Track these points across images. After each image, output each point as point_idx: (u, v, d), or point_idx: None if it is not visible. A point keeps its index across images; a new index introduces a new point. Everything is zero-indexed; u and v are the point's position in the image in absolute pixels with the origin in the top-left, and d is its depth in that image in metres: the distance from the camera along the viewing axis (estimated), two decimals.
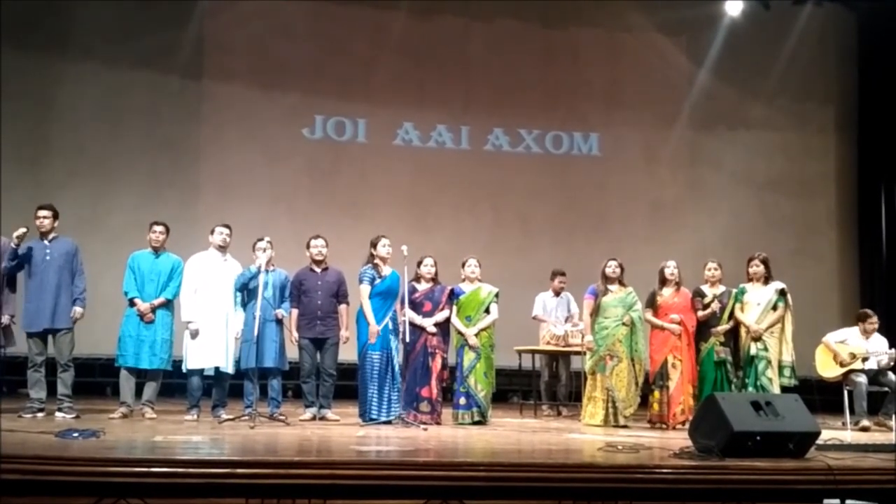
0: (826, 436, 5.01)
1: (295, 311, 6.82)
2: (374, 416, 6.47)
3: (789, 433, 4.48)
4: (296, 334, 6.83)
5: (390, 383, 6.55)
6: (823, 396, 7.93)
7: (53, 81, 9.88)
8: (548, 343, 8.11)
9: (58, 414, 6.34)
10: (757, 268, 7.09)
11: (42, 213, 6.53)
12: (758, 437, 4.38)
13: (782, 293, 6.98)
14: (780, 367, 6.89)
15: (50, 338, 6.51)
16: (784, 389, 6.70)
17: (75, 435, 4.75)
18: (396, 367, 6.59)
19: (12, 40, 9.61)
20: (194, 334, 6.62)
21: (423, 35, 10.81)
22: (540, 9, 10.90)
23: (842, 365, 7.64)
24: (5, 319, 6.48)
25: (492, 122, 11.00)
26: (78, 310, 6.54)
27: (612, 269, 7.17)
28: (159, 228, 6.84)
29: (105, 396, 7.99)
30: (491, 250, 8.89)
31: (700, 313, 7.08)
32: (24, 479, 3.71)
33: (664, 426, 6.85)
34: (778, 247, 8.91)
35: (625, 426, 6.80)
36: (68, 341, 6.51)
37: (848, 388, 7.59)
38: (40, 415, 6.32)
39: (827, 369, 7.72)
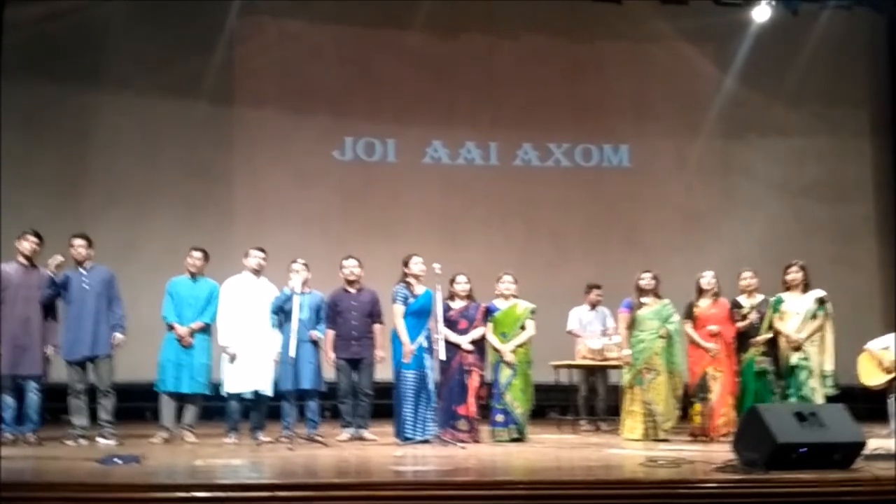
0: (872, 445, 4.90)
1: (331, 332, 6.85)
2: (409, 436, 6.46)
3: (835, 444, 4.40)
4: (332, 355, 6.86)
5: (425, 402, 6.53)
6: (867, 405, 7.76)
7: (89, 112, 10.07)
8: (584, 357, 8.05)
9: (100, 440, 6.41)
10: (796, 274, 6.96)
11: (77, 241, 6.64)
12: (803, 449, 4.31)
13: (822, 302, 6.87)
14: (822, 377, 6.77)
15: (90, 365, 6.59)
16: (827, 399, 6.59)
17: (117, 461, 4.81)
18: (431, 386, 6.58)
19: (49, 73, 9.84)
20: (232, 358, 6.67)
21: (449, 53, 10.87)
22: (565, 23, 10.90)
23: (887, 371, 7.47)
24: (49, 350, 6.58)
25: (520, 137, 10.99)
26: (119, 336, 6.62)
27: (646, 281, 7.12)
28: (198, 254, 6.90)
29: (145, 421, 8.08)
30: (523, 265, 8.85)
31: (739, 324, 6.99)
32: None
33: (706, 439, 6.75)
34: (815, 254, 8.76)
35: (665, 440, 6.72)
36: (108, 368, 6.60)
37: (893, 395, 7.42)
38: (83, 441, 6.40)
39: (870, 377, 7.54)
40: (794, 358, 6.78)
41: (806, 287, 6.95)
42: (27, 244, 6.55)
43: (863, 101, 11.25)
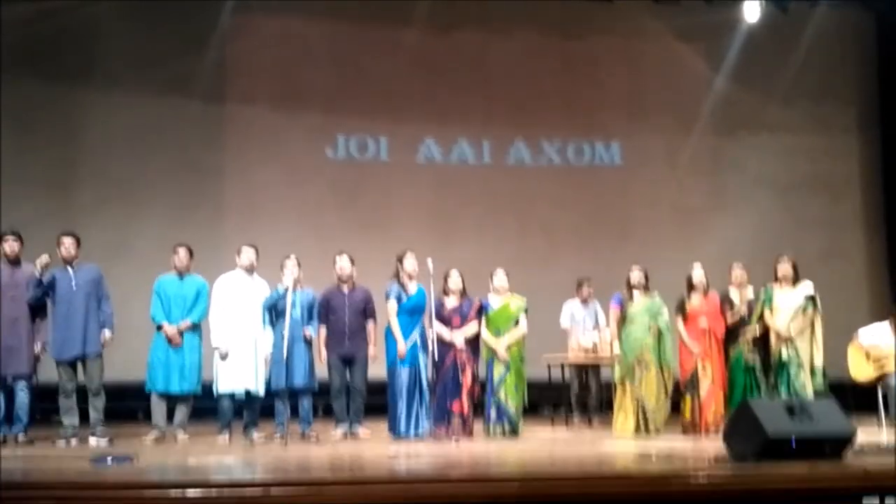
0: (862, 438, 4.93)
1: (323, 330, 6.85)
2: (403, 432, 6.48)
3: (825, 437, 4.43)
4: (325, 353, 6.85)
5: (419, 399, 6.55)
6: (857, 398, 7.81)
7: (80, 110, 10.01)
8: (577, 353, 8.07)
9: (91, 440, 6.40)
10: (786, 265, 7.00)
11: (66, 240, 6.60)
12: (793, 442, 4.33)
13: (812, 297, 6.90)
14: (812, 371, 6.80)
15: (80, 364, 6.57)
16: (816, 393, 6.62)
17: (109, 460, 4.81)
18: (425, 383, 6.59)
19: (40, 72, 9.78)
20: (224, 357, 6.66)
21: (441, 51, 10.85)
22: (558, 20, 10.89)
23: (876, 365, 7.50)
24: (37, 348, 6.56)
25: (513, 135, 10.98)
26: (107, 333, 6.60)
27: (636, 276, 7.14)
28: (182, 251, 6.86)
29: (137, 421, 8.06)
30: (516, 262, 8.84)
31: (729, 318, 7.01)
32: None
33: (697, 433, 6.77)
34: (805, 249, 8.81)
35: (657, 434, 6.74)
36: (98, 367, 6.57)
37: (882, 389, 7.45)
38: (74, 441, 6.38)
39: (859, 370, 7.58)
40: (785, 352, 6.81)
41: (796, 281, 6.98)
42: (7, 246, 6.53)
43: (851, 97, 11.30)
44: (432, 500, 3.84)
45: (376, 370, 7.02)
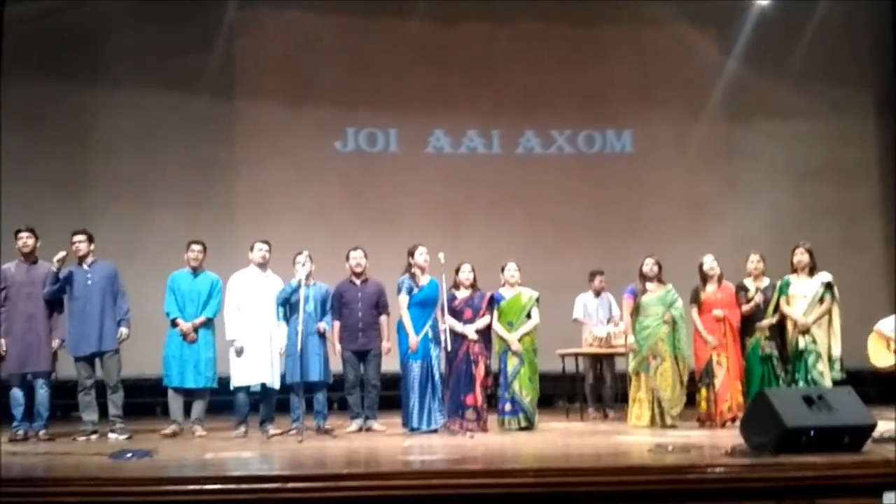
0: (882, 428, 4.90)
1: (337, 324, 6.86)
2: (416, 426, 6.49)
3: (844, 427, 4.40)
4: (339, 347, 6.87)
5: (432, 392, 6.55)
6: (876, 388, 7.76)
7: (90, 108, 10.04)
8: (590, 345, 8.05)
9: (111, 435, 6.46)
10: (802, 256, 6.93)
11: (77, 237, 6.65)
12: (812, 433, 4.30)
13: (829, 285, 6.84)
14: (830, 361, 6.75)
15: (97, 360, 6.62)
16: (834, 383, 6.57)
17: (128, 455, 4.85)
18: (437, 376, 6.59)
19: (49, 70, 9.81)
20: (239, 352, 6.68)
21: (448, 41, 10.81)
22: (564, 8, 10.80)
23: None
24: (55, 344, 6.60)
25: (522, 125, 10.94)
26: (124, 331, 6.65)
27: (648, 266, 7.09)
28: (197, 247, 6.89)
29: (155, 416, 8.12)
30: (527, 254, 8.82)
31: (744, 307, 6.97)
32: (82, 502, 3.78)
33: (713, 424, 6.75)
34: (822, 238, 8.71)
35: (673, 426, 6.71)
36: (116, 363, 6.63)
37: None
38: (94, 437, 6.44)
39: (880, 358, 7.52)
40: (802, 342, 6.76)
41: (812, 270, 6.92)
42: (21, 242, 6.58)
43: (867, 81, 11.16)
44: (448, 494, 3.85)
45: (390, 364, 7.03)
